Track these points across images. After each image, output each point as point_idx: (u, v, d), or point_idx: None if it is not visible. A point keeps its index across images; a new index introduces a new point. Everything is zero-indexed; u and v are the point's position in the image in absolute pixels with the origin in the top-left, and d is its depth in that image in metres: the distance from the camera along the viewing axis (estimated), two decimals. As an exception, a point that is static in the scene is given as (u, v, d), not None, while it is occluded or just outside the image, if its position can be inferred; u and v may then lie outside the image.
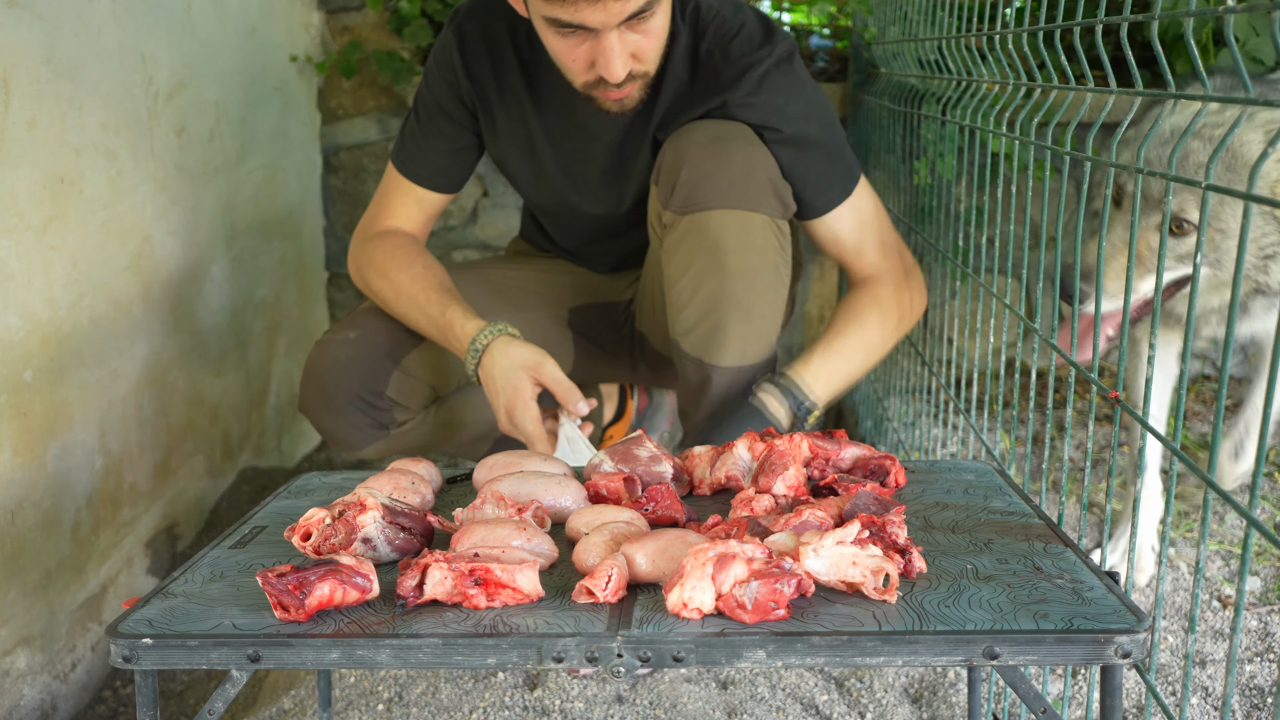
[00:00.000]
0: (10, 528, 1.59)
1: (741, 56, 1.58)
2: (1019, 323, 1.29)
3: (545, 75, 1.66)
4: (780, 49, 1.59)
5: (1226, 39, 0.81)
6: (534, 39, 1.65)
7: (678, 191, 1.53)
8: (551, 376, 1.55)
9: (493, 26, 1.67)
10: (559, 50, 1.47)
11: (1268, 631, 1.66)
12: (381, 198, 1.79)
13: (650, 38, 1.46)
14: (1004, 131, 1.35)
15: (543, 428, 1.56)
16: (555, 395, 1.55)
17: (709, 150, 1.52)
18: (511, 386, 1.55)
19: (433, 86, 1.72)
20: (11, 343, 1.59)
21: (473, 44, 1.67)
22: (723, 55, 1.60)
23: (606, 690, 1.50)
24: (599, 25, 1.39)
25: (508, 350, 1.56)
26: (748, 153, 1.53)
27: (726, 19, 1.61)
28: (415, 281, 1.66)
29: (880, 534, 0.95)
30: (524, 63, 1.67)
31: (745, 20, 1.62)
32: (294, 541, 1.01)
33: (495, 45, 1.67)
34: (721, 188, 1.50)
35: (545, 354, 1.56)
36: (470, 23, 1.68)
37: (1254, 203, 0.80)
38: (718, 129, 1.55)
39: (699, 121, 1.58)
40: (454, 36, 1.68)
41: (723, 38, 1.60)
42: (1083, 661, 0.83)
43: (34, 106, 1.63)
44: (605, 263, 1.90)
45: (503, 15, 1.67)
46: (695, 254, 1.53)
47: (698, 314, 1.55)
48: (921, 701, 1.50)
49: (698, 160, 1.51)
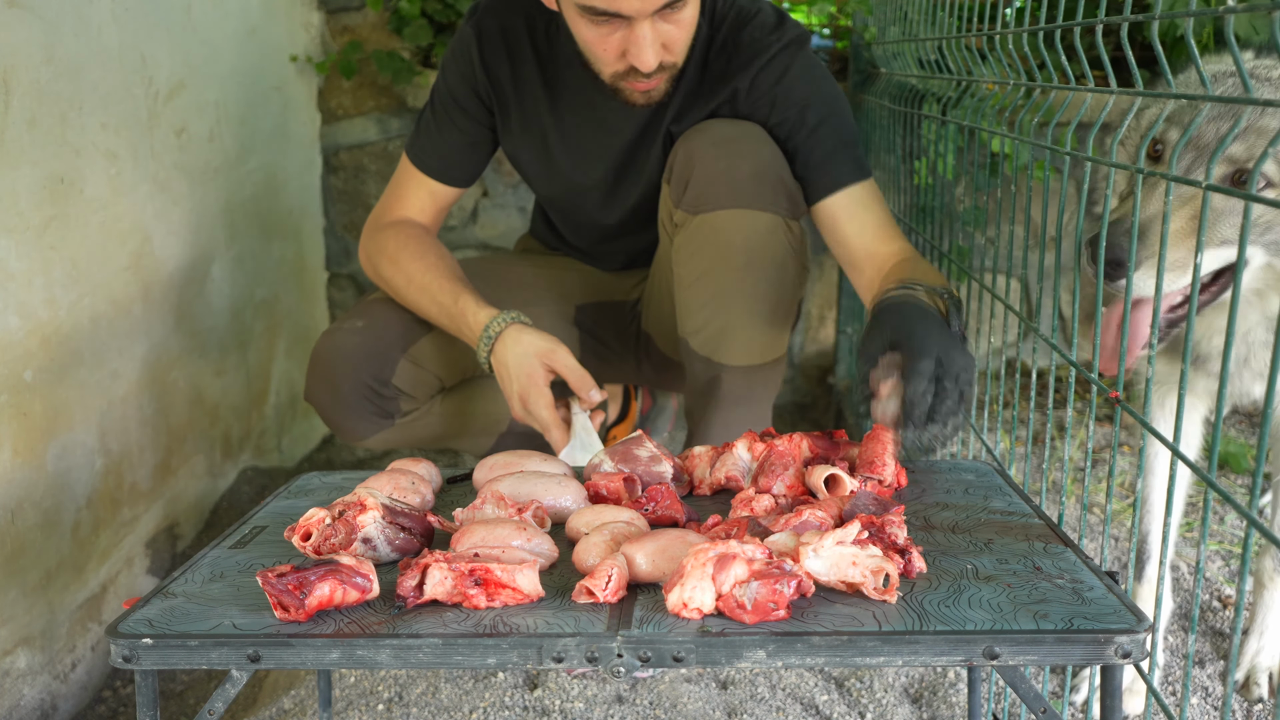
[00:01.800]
0: (10, 528, 1.59)
1: (753, 42, 1.59)
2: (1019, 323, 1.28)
3: (562, 72, 1.66)
4: (791, 34, 1.60)
5: (1227, 39, 0.81)
6: (552, 36, 1.66)
7: (689, 191, 1.53)
8: (565, 364, 1.55)
9: (511, 22, 1.67)
10: (590, 39, 1.47)
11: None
12: (394, 189, 1.79)
13: (681, 29, 1.47)
14: (1004, 131, 1.35)
15: (556, 414, 1.56)
16: (569, 382, 1.55)
17: (721, 149, 1.52)
18: (525, 373, 1.55)
19: (449, 80, 1.72)
20: (11, 343, 1.59)
21: (491, 39, 1.68)
22: (734, 44, 1.60)
23: (606, 690, 1.50)
24: (634, 13, 1.39)
25: (520, 338, 1.56)
26: (759, 152, 1.53)
27: (743, 8, 1.62)
28: (428, 270, 1.67)
29: (880, 534, 0.95)
30: (541, 59, 1.67)
31: (760, 8, 1.63)
32: (294, 541, 1.01)
33: (513, 41, 1.67)
34: (733, 187, 1.50)
35: (558, 341, 1.57)
36: (489, 18, 1.68)
37: (1254, 203, 0.80)
38: (730, 128, 1.55)
39: (711, 120, 1.58)
40: (473, 31, 1.68)
41: (736, 28, 1.61)
42: (1083, 661, 0.83)
43: (34, 106, 1.63)
44: (615, 261, 1.90)
45: (521, 11, 1.67)
46: (706, 253, 1.53)
47: (708, 313, 1.55)
48: (921, 701, 1.50)
49: (710, 159, 1.51)
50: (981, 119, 1.46)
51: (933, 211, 1.95)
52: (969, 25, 1.56)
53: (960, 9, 1.62)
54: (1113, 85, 1.05)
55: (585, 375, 1.55)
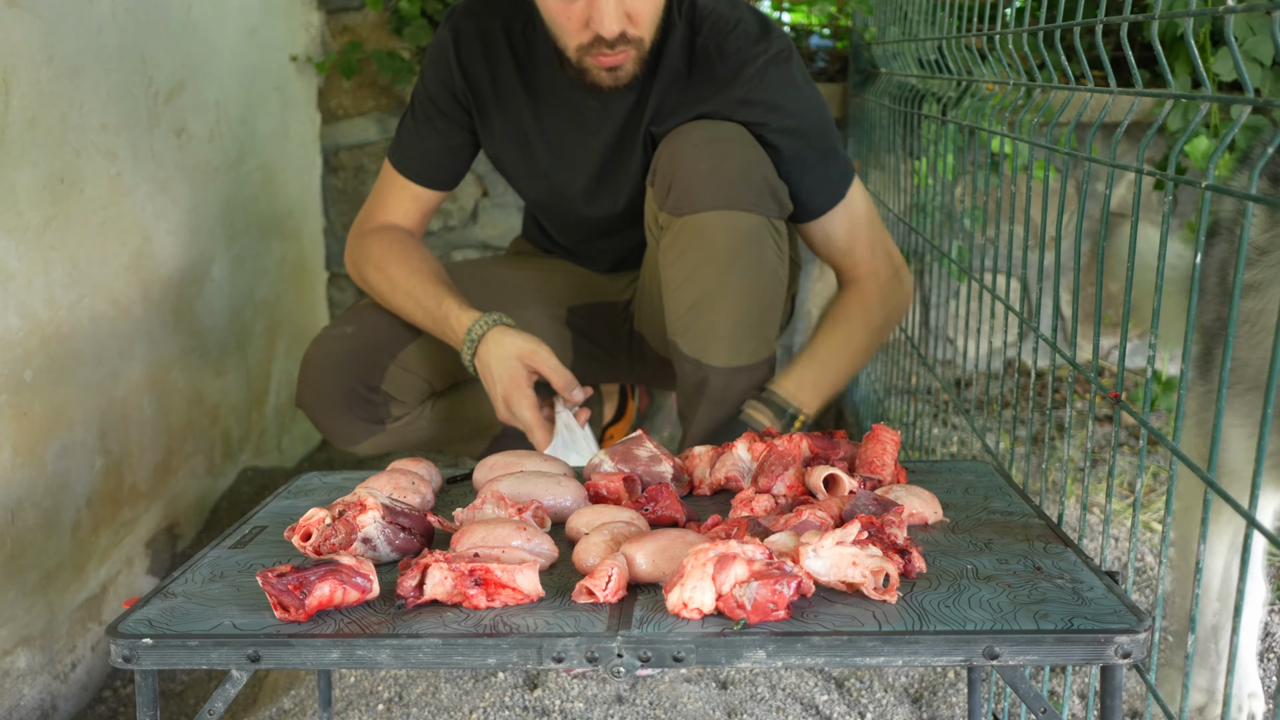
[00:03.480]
0: (10, 528, 1.59)
1: (738, 51, 1.59)
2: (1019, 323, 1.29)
3: (541, 73, 1.66)
4: (777, 46, 1.60)
5: (1226, 39, 0.81)
6: (529, 36, 1.66)
7: (673, 193, 1.53)
8: (547, 364, 1.56)
9: (489, 24, 1.67)
10: (554, 9, 1.48)
11: (1268, 631, 1.66)
12: (378, 194, 1.79)
13: (646, 2, 1.48)
14: (1004, 131, 1.35)
15: (540, 415, 1.57)
16: (552, 383, 1.56)
17: (704, 151, 1.52)
18: (508, 375, 1.56)
19: (428, 84, 1.72)
20: (11, 343, 1.59)
21: (468, 42, 1.68)
22: (718, 50, 1.60)
23: (606, 690, 1.50)
24: None
25: (503, 340, 1.57)
26: (744, 153, 1.53)
27: (723, 15, 1.62)
28: (411, 276, 1.67)
29: (880, 534, 0.95)
30: (519, 60, 1.67)
31: (741, 17, 1.62)
32: (294, 541, 1.01)
33: (491, 43, 1.67)
34: (717, 188, 1.50)
35: (540, 342, 1.57)
36: (466, 21, 1.68)
37: (1254, 202, 0.80)
38: (713, 129, 1.55)
39: (695, 122, 1.58)
40: (450, 34, 1.68)
41: (719, 33, 1.61)
42: (1083, 661, 0.83)
43: (34, 106, 1.63)
44: (604, 261, 1.91)
45: (498, 13, 1.67)
46: (691, 255, 1.53)
47: (694, 314, 1.55)
48: (921, 701, 1.50)
49: (693, 161, 1.52)
50: (981, 119, 1.46)
51: (933, 211, 1.95)
52: (969, 25, 1.56)
53: (960, 9, 1.62)
54: (1112, 85, 1.05)
55: (568, 375, 1.56)
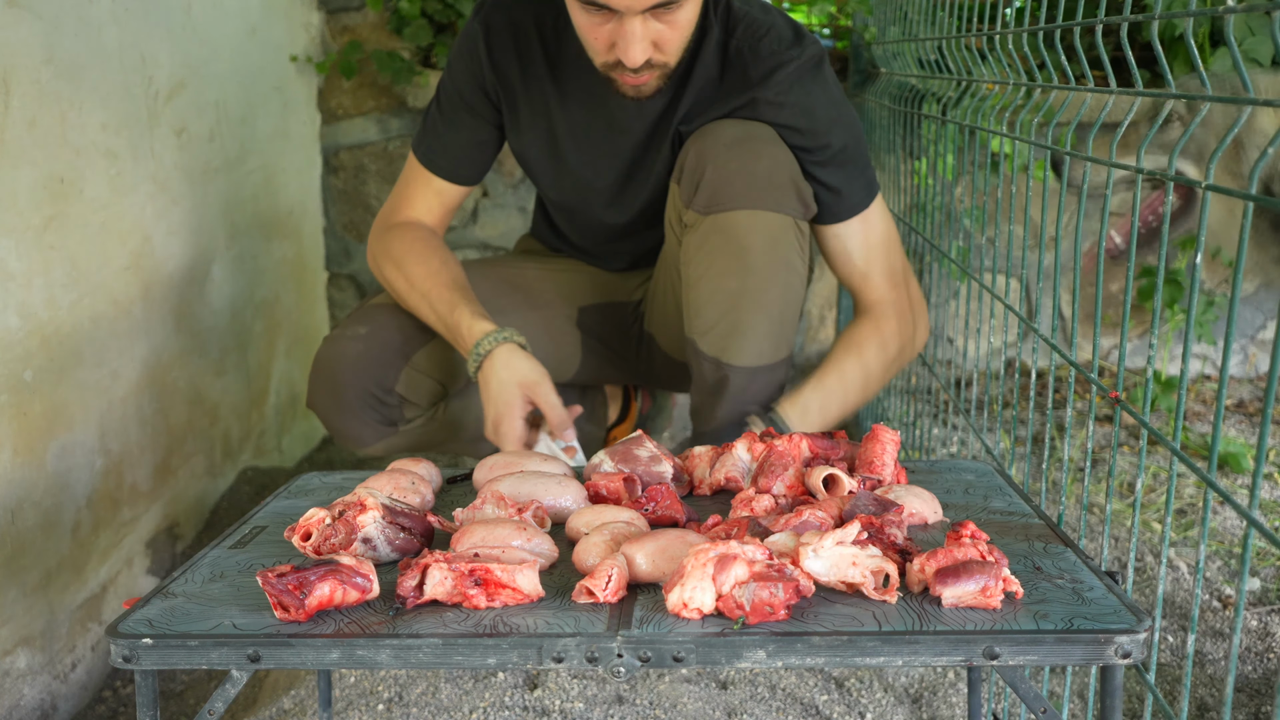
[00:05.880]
0: (10, 528, 1.59)
1: (771, 55, 1.58)
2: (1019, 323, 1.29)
3: (571, 68, 1.65)
4: (810, 51, 1.59)
5: (1226, 39, 0.81)
6: (560, 32, 1.65)
7: (701, 191, 1.53)
8: (546, 400, 1.54)
9: (519, 18, 1.66)
10: (583, 26, 1.46)
11: (1268, 631, 1.66)
12: (402, 188, 1.78)
13: (675, 29, 1.46)
14: (1004, 131, 1.35)
15: (522, 448, 1.56)
16: (546, 418, 1.55)
17: (733, 150, 1.51)
18: (504, 401, 1.55)
19: (456, 77, 1.70)
20: (11, 343, 1.59)
21: (499, 35, 1.66)
22: (752, 52, 1.59)
23: (606, 690, 1.50)
24: (623, 9, 1.39)
25: (509, 362, 1.56)
26: (772, 153, 1.53)
27: (756, 18, 1.61)
28: (429, 277, 1.66)
29: (879, 534, 0.95)
30: (549, 55, 1.66)
31: (774, 21, 1.62)
32: (294, 541, 1.01)
33: (521, 37, 1.66)
34: (746, 188, 1.50)
35: (544, 373, 1.56)
36: (497, 14, 1.67)
37: (1254, 203, 0.80)
38: (741, 129, 1.54)
39: (722, 120, 1.57)
40: (480, 27, 1.67)
41: (752, 35, 1.60)
42: (1083, 661, 0.83)
43: (34, 106, 1.63)
44: (619, 261, 1.90)
45: (530, 8, 1.66)
46: (718, 254, 1.53)
47: (718, 313, 1.55)
48: (921, 701, 1.50)
49: (722, 160, 1.51)
50: (981, 119, 1.46)
51: (932, 212, 1.95)
52: (969, 25, 1.56)
53: (960, 9, 1.62)
54: (1112, 85, 1.05)
55: (563, 415, 1.54)
